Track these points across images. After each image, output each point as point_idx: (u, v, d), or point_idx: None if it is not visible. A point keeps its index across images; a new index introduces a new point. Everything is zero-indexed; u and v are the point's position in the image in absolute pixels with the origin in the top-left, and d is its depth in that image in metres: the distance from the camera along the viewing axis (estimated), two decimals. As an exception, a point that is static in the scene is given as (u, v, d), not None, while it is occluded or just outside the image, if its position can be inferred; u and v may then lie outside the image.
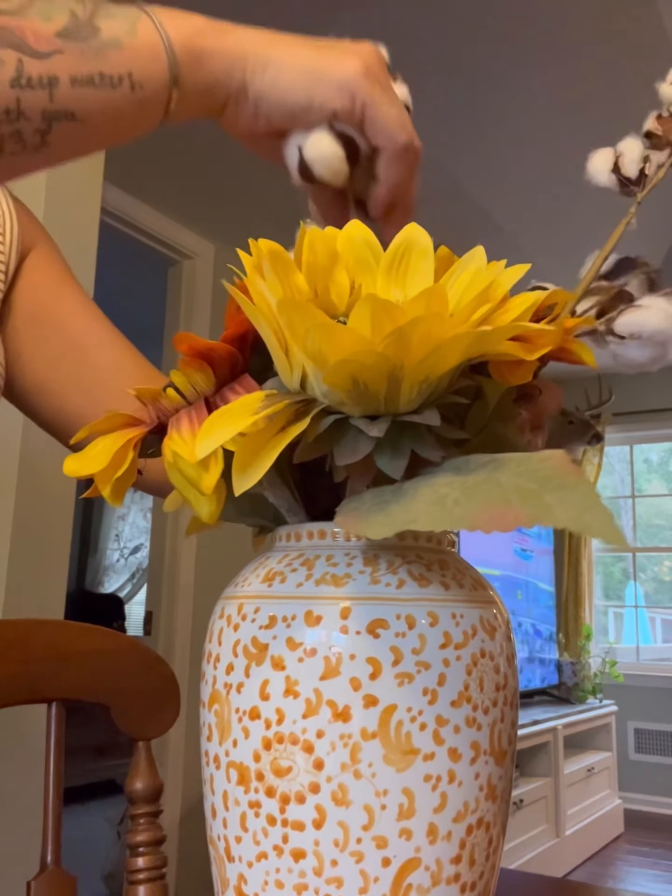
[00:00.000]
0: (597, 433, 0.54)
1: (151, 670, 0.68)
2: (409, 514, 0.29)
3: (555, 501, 0.28)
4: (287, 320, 0.31)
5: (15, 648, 0.60)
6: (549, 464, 0.30)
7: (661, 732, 4.18)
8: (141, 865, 0.64)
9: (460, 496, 0.29)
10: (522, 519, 0.27)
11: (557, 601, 4.14)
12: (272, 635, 0.33)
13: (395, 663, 0.32)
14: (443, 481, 0.31)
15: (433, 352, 0.31)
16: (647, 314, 0.43)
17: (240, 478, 0.31)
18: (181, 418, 0.34)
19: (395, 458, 0.32)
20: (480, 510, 0.28)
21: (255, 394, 0.32)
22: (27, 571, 1.57)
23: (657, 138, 0.45)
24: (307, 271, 0.35)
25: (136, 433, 0.35)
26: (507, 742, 0.35)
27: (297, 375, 0.33)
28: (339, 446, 0.33)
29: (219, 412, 0.31)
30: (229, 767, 0.34)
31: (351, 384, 0.31)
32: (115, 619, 5.29)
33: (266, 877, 0.32)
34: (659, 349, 0.44)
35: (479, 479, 0.30)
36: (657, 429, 4.47)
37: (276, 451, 0.30)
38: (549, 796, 3.12)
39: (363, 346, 0.30)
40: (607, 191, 0.46)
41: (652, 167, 0.45)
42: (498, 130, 2.40)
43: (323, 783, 0.31)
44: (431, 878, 0.32)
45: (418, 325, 0.29)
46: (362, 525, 0.30)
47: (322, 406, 0.32)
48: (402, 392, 0.32)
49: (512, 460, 0.31)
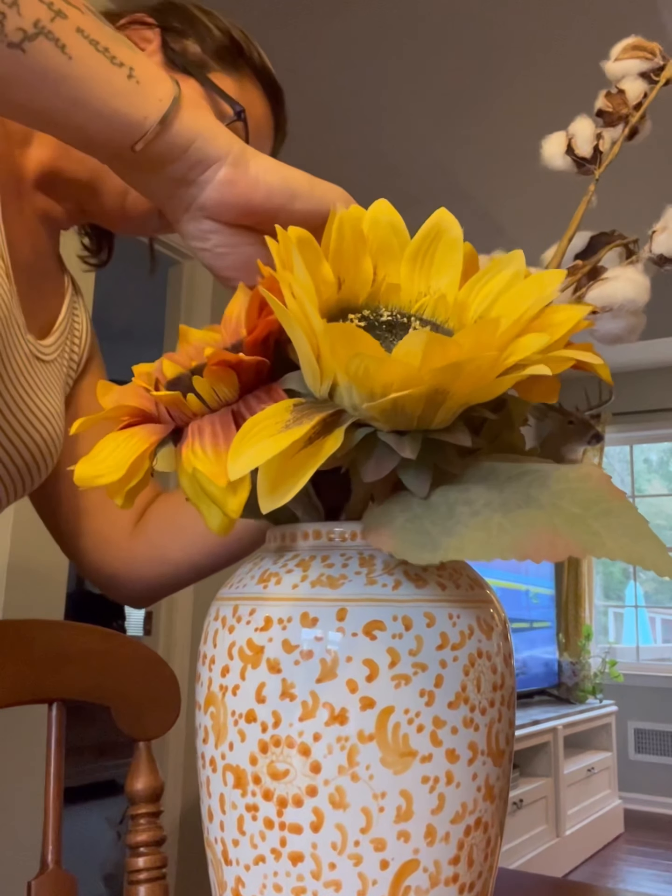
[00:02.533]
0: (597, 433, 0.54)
1: (151, 670, 0.68)
2: (454, 540, 0.28)
3: (602, 529, 0.27)
4: (333, 345, 0.29)
5: (15, 648, 0.60)
6: (590, 484, 0.29)
7: (661, 732, 4.18)
8: (141, 865, 0.64)
9: (504, 521, 0.28)
10: (573, 548, 0.27)
11: (557, 601, 4.13)
12: (268, 637, 0.33)
13: (391, 665, 0.32)
14: (479, 500, 0.30)
15: (483, 385, 0.30)
16: (615, 285, 0.43)
17: (270, 496, 0.29)
18: (203, 428, 0.32)
19: (419, 474, 0.31)
20: (528, 538, 0.27)
21: (282, 403, 0.30)
22: (27, 571, 1.57)
23: (608, 115, 0.46)
24: (333, 259, 0.34)
25: (153, 440, 0.34)
26: (504, 742, 0.35)
27: (326, 385, 0.31)
28: (366, 463, 0.31)
29: (247, 427, 0.29)
30: (226, 770, 0.33)
31: (390, 407, 0.30)
32: (115, 619, 5.28)
33: (264, 880, 0.32)
34: (632, 318, 0.44)
35: (516, 497, 0.29)
36: (657, 429, 4.46)
37: (311, 470, 0.28)
38: (549, 796, 3.12)
39: (413, 377, 0.28)
40: (609, 192, 0.46)
41: (606, 143, 0.45)
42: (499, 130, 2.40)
43: (320, 786, 0.31)
44: (430, 879, 0.32)
45: (473, 361, 0.28)
46: (401, 549, 0.29)
47: (353, 419, 0.30)
48: (440, 413, 0.31)
49: (548, 476, 0.30)
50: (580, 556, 0.27)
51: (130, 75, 0.37)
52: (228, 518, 0.32)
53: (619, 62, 0.46)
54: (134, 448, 0.34)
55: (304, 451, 0.29)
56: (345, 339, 0.28)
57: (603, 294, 0.43)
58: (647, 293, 0.44)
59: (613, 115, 0.45)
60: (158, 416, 0.35)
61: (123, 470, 0.33)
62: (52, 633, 0.63)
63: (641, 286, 0.43)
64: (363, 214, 0.36)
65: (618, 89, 0.46)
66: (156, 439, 0.34)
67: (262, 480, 0.29)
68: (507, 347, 0.30)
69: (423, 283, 0.36)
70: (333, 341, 0.29)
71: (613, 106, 0.46)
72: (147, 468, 0.34)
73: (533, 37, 2.03)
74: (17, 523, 1.56)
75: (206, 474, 0.31)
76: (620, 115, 0.45)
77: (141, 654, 0.68)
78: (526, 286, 0.33)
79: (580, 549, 0.27)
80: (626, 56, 0.46)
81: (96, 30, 0.37)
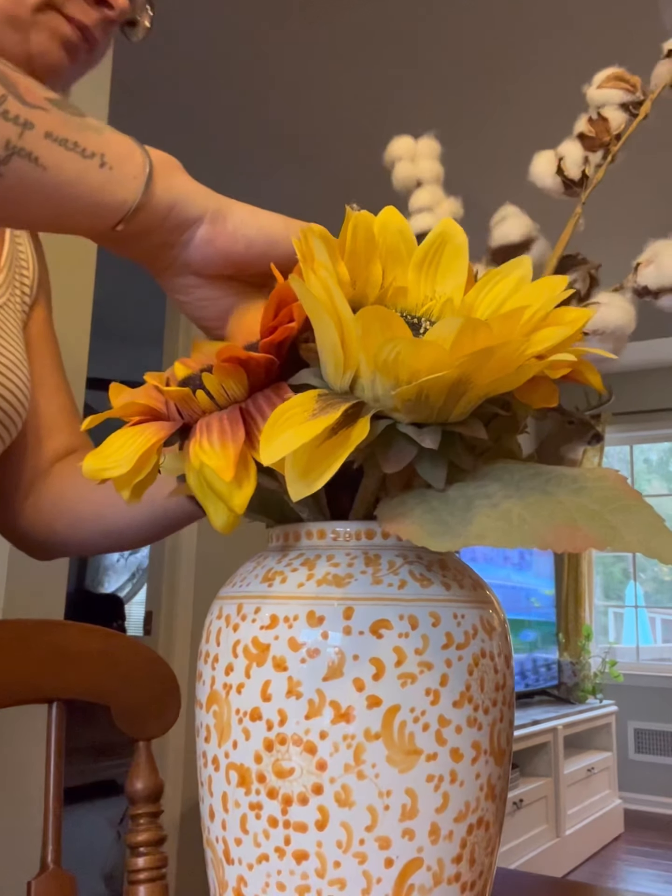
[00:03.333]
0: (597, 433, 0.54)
1: (151, 670, 0.68)
2: (474, 527, 0.29)
3: (620, 524, 0.28)
4: (366, 328, 0.29)
5: (15, 648, 0.60)
6: (607, 483, 0.30)
7: (661, 732, 4.18)
8: (141, 865, 0.63)
9: (524, 513, 0.29)
10: (592, 540, 0.28)
11: (557, 601, 4.13)
12: (274, 635, 0.33)
13: (398, 664, 0.32)
14: (497, 494, 0.31)
15: (507, 374, 0.30)
16: (609, 311, 0.45)
17: (299, 483, 0.30)
18: (212, 424, 0.33)
19: (436, 466, 0.32)
20: (548, 529, 0.28)
21: (308, 393, 0.31)
22: (27, 571, 1.57)
23: (589, 140, 0.47)
24: (349, 259, 0.34)
25: (161, 435, 0.34)
26: (505, 742, 0.35)
27: (349, 376, 0.32)
28: (386, 454, 0.32)
29: (277, 415, 0.30)
30: (229, 769, 0.33)
31: (415, 395, 0.30)
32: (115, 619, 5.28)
33: (267, 879, 0.32)
34: (618, 343, 0.45)
35: (535, 493, 0.30)
36: (657, 429, 4.47)
37: (342, 459, 0.29)
38: (549, 796, 3.12)
39: (443, 362, 0.29)
40: (605, 193, 0.47)
41: (591, 168, 0.46)
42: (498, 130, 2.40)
43: (326, 784, 0.31)
44: (433, 877, 0.32)
45: (502, 347, 0.29)
46: (422, 537, 0.29)
47: (374, 410, 0.31)
48: (459, 405, 0.31)
49: (564, 476, 0.31)
50: (599, 548, 0.27)
51: (102, 163, 0.39)
52: (233, 514, 0.32)
53: (602, 90, 0.47)
54: (143, 443, 0.34)
55: (330, 440, 0.30)
56: (380, 322, 0.29)
57: (596, 318, 0.44)
58: (633, 322, 0.45)
59: (595, 140, 0.47)
60: (168, 415, 0.35)
61: (131, 464, 0.33)
62: (52, 633, 0.63)
63: (630, 314, 0.45)
64: (374, 219, 0.36)
65: (599, 116, 0.47)
66: (164, 434, 0.34)
67: (292, 468, 0.30)
68: (528, 339, 0.31)
69: (430, 288, 0.36)
70: (367, 324, 0.29)
71: (596, 132, 0.46)
72: (155, 462, 0.34)
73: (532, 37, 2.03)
74: (17, 523, 1.56)
75: (212, 468, 0.31)
76: (602, 142, 0.46)
77: (141, 654, 0.68)
78: (534, 288, 0.34)
79: (599, 541, 0.28)
80: (609, 85, 0.47)
81: (62, 126, 0.38)
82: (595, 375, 0.38)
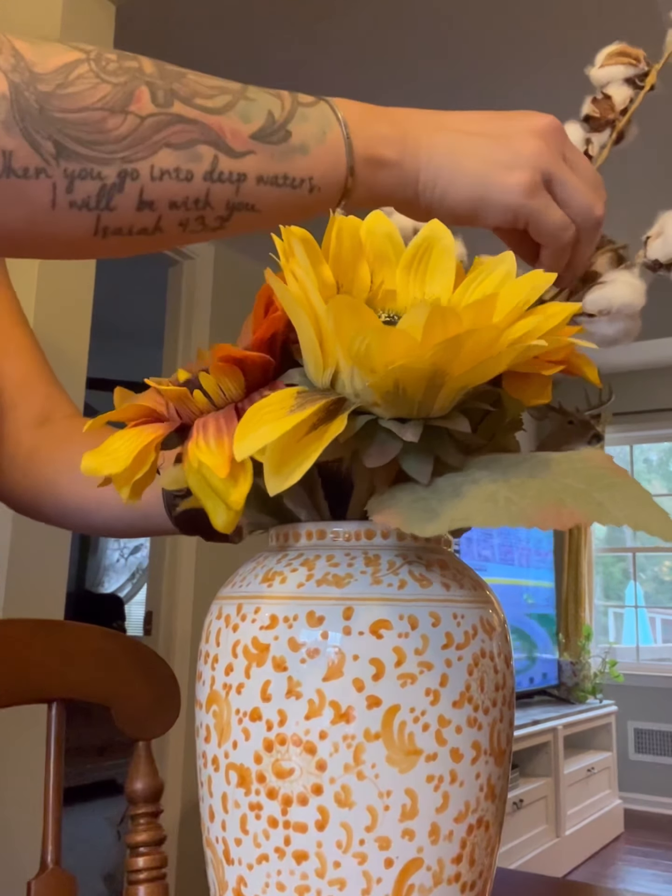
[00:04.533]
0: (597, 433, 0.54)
1: (151, 670, 0.68)
2: (460, 511, 0.29)
3: (607, 500, 0.28)
4: (336, 319, 0.30)
5: (15, 648, 0.60)
6: (593, 463, 0.30)
7: (661, 732, 4.18)
8: (141, 865, 0.63)
9: (511, 494, 0.29)
10: (579, 516, 0.28)
11: (557, 601, 4.13)
12: (273, 635, 0.33)
13: (398, 664, 0.32)
14: (484, 479, 0.31)
15: (481, 363, 0.30)
16: (613, 289, 0.44)
17: (275, 478, 0.30)
18: (208, 424, 0.33)
19: (420, 461, 0.32)
20: (535, 508, 0.28)
21: (287, 390, 0.31)
22: (27, 571, 1.57)
23: (595, 120, 0.47)
24: (334, 263, 0.35)
25: (159, 433, 0.34)
26: (505, 742, 0.35)
27: (329, 373, 0.32)
28: (368, 449, 0.32)
29: (253, 410, 0.30)
30: (229, 769, 0.33)
31: (392, 387, 0.30)
32: (115, 619, 5.29)
33: (267, 879, 0.32)
34: (629, 322, 0.45)
35: (521, 476, 0.30)
36: (657, 429, 4.47)
37: (317, 453, 0.29)
38: (549, 796, 3.12)
39: (414, 351, 0.29)
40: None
41: (595, 148, 0.46)
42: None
43: (326, 784, 0.31)
44: (433, 878, 0.32)
45: (473, 335, 0.29)
46: (408, 523, 0.29)
47: (354, 406, 0.31)
48: (439, 398, 0.31)
49: (551, 461, 0.31)
50: (586, 523, 0.28)
51: (311, 188, 0.40)
52: (233, 512, 0.32)
53: (605, 68, 0.48)
54: (140, 441, 0.34)
55: (308, 435, 0.30)
56: (349, 312, 0.29)
57: (600, 298, 0.44)
58: (643, 297, 0.45)
59: (600, 120, 0.47)
60: (167, 416, 0.36)
61: (129, 461, 0.33)
62: (52, 633, 0.63)
63: (638, 290, 0.44)
64: (360, 223, 0.37)
65: (604, 95, 0.47)
66: (162, 432, 0.34)
67: (268, 462, 0.30)
68: (505, 330, 0.31)
69: (418, 289, 0.37)
70: (337, 315, 0.29)
71: (601, 111, 0.47)
72: (153, 460, 0.34)
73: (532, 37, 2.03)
74: (17, 523, 1.56)
75: (208, 466, 0.31)
76: (607, 121, 0.47)
77: (141, 654, 0.68)
78: (519, 283, 0.34)
79: (586, 517, 0.28)
80: (611, 62, 0.47)
81: (270, 163, 0.38)
82: (591, 368, 0.38)
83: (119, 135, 0.34)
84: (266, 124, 0.38)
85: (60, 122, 0.33)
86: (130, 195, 0.35)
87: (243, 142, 0.37)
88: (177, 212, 0.37)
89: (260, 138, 0.38)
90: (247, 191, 0.38)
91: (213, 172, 0.37)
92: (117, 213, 0.36)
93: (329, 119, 0.40)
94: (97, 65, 0.34)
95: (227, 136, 0.37)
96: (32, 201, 0.34)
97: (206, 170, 0.37)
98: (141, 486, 0.35)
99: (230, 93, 0.38)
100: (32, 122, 0.33)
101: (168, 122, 0.35)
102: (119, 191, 0.35)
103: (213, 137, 0.37)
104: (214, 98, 0.37)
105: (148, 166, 0.35)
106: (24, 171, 0.33)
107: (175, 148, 0.36)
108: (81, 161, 0.34)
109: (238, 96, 0.38)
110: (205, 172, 0.37)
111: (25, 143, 0.33)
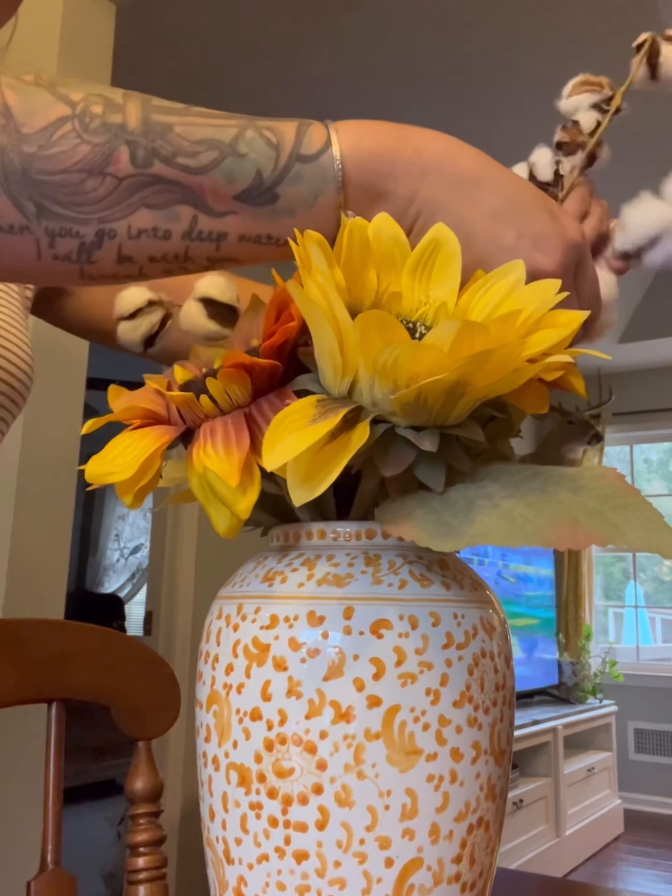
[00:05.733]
0: (597, 433, 0.54)
1: (151, 670, 0.68)
2: (477, 528, 0.29)
3: (620, 521, 0.29)
4: (364, 332, 0.30)
5: (15, 648, 0.60)
6: (606, 482, 0.31)
7: (661, 732, 4.18)
8: (141, 865, 0.63)
9: (526, 512, 0.30)
10: (594, 537, 0.28)
11: (557, 601, 4.13)
12: (274, 635, 0.33)
13: (398, 663, 0.32)
14: (498, 495, 0.31)
15: (505, 376, 0.31)
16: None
17: (301, 489, 0.30)
18: (216, 430, 0.33)
19: (434, 469, 0.32)
20: (550, 527, 0.29)
21: (308, 399, 0.31)
22: (27, 571, 1.57)
23: (567, 145, 0.49)
24: (345, 266, 0.35)
25: (165, 440, 0.34)
26: (505, 742, 0.35)
27: (347, 381, 0.32)
28: (385, 457, 0.32)
29: (277, 421, 0.30)
30: (229, 769, 0.33)
31: (413, 398, 0.31)
32: (115, 619, 5.29)
33: (267, 878, 0.32)
34: (606, 314, 0.46)
35: (535, 493, 0.31)
36: (657, 429, 4.47)
37: (343, 462, 0.30)
38: (549, 796, 3.12)
39: (442, 365, 0.29)
40: (605, 191, 0.48)
41: (566, 166, 0.48)
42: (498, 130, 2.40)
43: (326, 784, 0.31)
44: (433, 877, 0.32)
45: (500, 350, 0.29)
46: (425, 538, 0.30)
47: (373, 415, 0.31)
48: (457, 407, 0.32)
49: (563, 476, 0.32)
50: (601, 545, 0.28)
51: (298, 244, 0.38)
52: (237, 519, 0.32)
53: (571, 98, 0.50)
54: (145, 447, 0.34)
55: (330, 444, 0.30)
56: (379, 327, 0.29)
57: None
58: (615, 289, 0.45)
59: (571, 144, 0.49)
60: (169, 419, 0.36)
61: (134, 468, 0.33)
62: (52, 633, 0.63)
63: (609, 283, 0.45)
64: (368, 226, 0.36)
65: (572, 122, 0.49)
66: (168, 439, 0.34)
67: (293, 473, 0.30)
68: (525, 342, 0.31)
69: (423, 293, 0.37)
70: (366, 329, 0.30)
71: (570, 136, 0.49)
72: (158, 467, 0.34)
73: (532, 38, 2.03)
74: (17, 523, 1.56)
75: (218, 474, 0.31)
76: (577, 143, 0.49)
77: (141, 654, 0.68)
78: (527, 292, 0.34)
79: (601, 538, 0.28)
80: (577, 92, 0.50)
81: (253, 224, 0.37)
82: (579, 380, 0.38)
83: (97, 196, 0.35)
84: (252, 185, 0.37)
85: (41, 184, 0.34)
86: (110, 251, 0.36)
87: (225, 202, 0.37)
88: (157, 264, 0.37)
89: (244, 199, 0.37)
90: (228, 248, 0.38)
91: (191, 232, 0.37)
92: (99, 265, 0.36)
93: (325, 178, 0.37)
94: (80, 122, 0.35)
95: (207, 196, 0.36)
96: (19, 253, 0.35)
97: (184, 229, 0.36)
98: (144, 492, 0.35)
99: (217, 148, 0.36)
100: (16, 182, 0.34)
101: (146, 183, 0.35)
102: (98, 248, 0.36)
103: (193, 198, 0.36)
104: (199, 156, 0.36)
105: (125, 226, 0.35)
106: (10, 228, 0.35)
107: (153, 208, 0.36)
108: (60, 221, 0.35)
109: (226, 152, 0.36)
110: (183, 232, 0.36)
111: (10, 202, 0.34)
